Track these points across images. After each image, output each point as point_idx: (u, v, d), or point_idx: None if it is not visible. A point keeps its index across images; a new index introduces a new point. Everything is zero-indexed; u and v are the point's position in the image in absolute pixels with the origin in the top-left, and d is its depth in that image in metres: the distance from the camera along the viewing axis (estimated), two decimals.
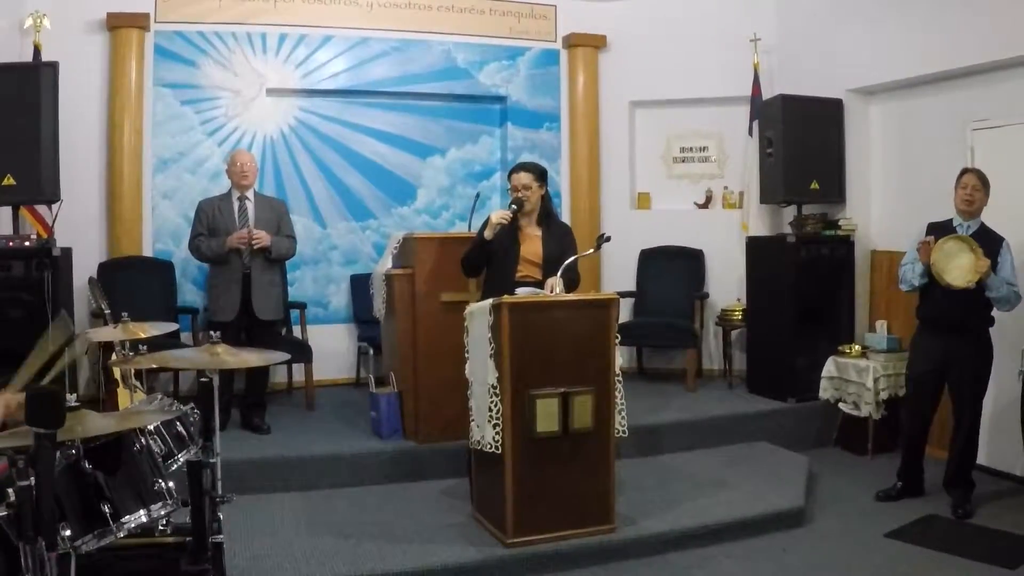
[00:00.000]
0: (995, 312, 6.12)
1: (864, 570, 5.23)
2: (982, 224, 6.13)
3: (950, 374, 6.16)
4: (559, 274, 5.51)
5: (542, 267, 5.81)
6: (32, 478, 2.71)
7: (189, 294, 8.37)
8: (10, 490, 2.78)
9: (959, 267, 5.89)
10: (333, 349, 8.86)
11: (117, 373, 5.94)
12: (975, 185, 6.08)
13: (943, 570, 5.20)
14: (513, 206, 5.74)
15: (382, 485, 6.44)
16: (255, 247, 6.93)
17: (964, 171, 6.23)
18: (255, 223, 7.06)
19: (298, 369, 8.33)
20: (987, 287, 5.88)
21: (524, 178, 5.83)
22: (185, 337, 7.85)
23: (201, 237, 7.09)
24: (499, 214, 5.71)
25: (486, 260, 5.83)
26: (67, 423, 2.86)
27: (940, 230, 6.12)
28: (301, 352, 7.75)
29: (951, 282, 5.88)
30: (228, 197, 7.22)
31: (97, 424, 3.30)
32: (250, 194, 7.21)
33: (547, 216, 5.98)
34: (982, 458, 6.69)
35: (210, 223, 7.09)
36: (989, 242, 5.98)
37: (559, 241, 5.91)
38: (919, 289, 6.21)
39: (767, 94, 8.83)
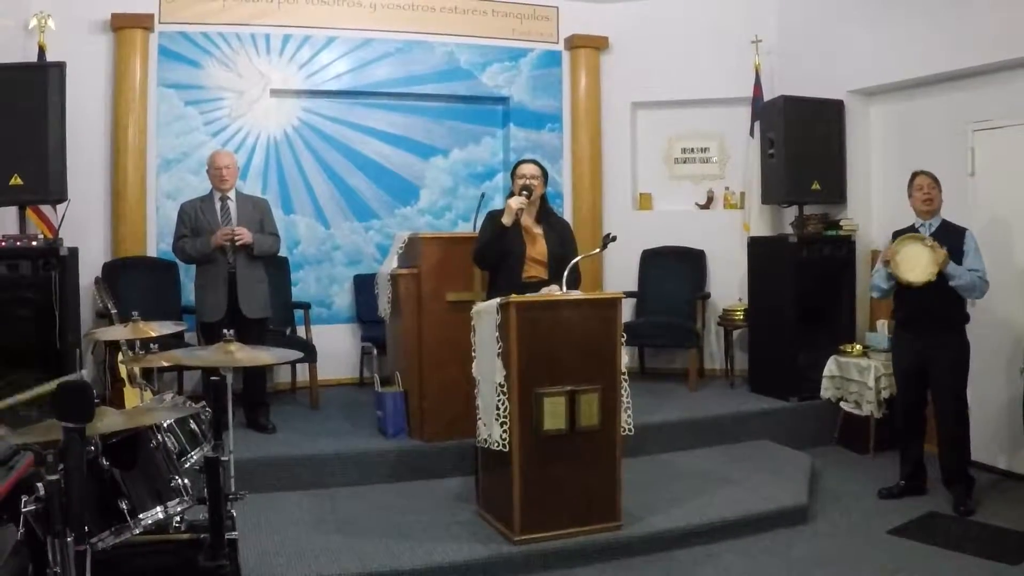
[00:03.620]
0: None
1: (867, 566, 5.26)
2: (943, 220, 6.25)
3: (930, 371, 6.23)
4: (564, 276, 5.56)
5: (548, 265, 5.86)
6: (60, 472, 2.74)
7: (192, 294, 8.36)
8: (39, 484, 2.81)
9: (917, 264, 6.02)
10: (336, 349, 8.87)
11: (123, 372, 5.98)
12: (930, 184, 6.25)
13: (945, 566, 5.22)
14: (524, 192, 5.78)
15: (388, 484, 6.47)
16: (237, 243, 6.93)
17: (915, 174, 6.37)
18: (238, 222, 7.04)
19: (302, 369, 8.36)
20: (948, 277, 5.96)
21: (533, 169, 5.92)
22: (189, 336, 7.86)
23: (185, 239, 7.08)
24: (518, 201, 5.73)
25: (505, 251, 5.82)
26: None
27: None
28: (305, 352, 7.76)
29: (911, 280, 6.02)
30: (210, 198, 7.20)
31: (115, 421, 3.34)
32: (231, 194, 7.19)
33: (547, 214, 6.05)
34: (983, 456, 6.74)
35: (193, 224, 7.07)
36: (952, 236, 6.12)
37: (561, 238, 6.00)
38: (889, 293, 6.34)
39: (768, 95, 8.86)
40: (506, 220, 5.73)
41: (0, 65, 6.80)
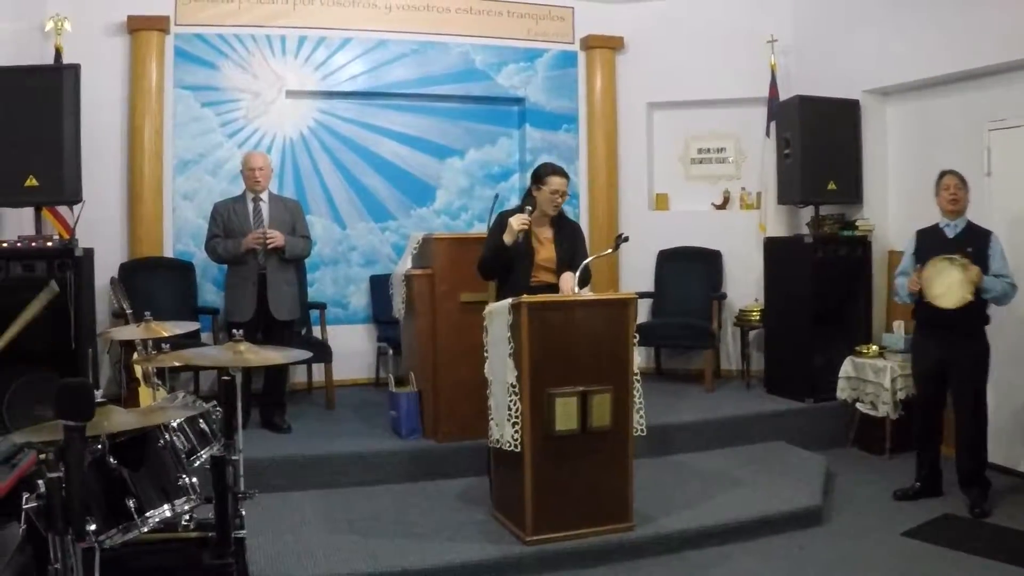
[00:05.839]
0: (1006, 312, 6.15)
1: (881, 569, 5.23)
2: (968, 222, 6.21)
3: (949, 372, 6.19)
4: (576, 275, 5.55)
5: (556, 272, 5.81)
6: (61, 470, 2.77)
7: (209, 294, 8.42)
8: (40, 482, 2.83)
9: (950, 288, 5.94)
10: (352, 349, 8.89)
11: (139, 372, 6.02)
12: (957, 184, 6.20)
13: (960, 569, 5.19)
14: (528, 208, 5.71)
15: (402, 484, 6.47)
16: (269, 247, 6.97)
17: (943, 173, 6.31)
18: (270, 224, 7.08)
19: (318, 369, 8.41)
20: (984, 292, 5.93)
21: (563, 184, 5.77)
22: (205, 337, 7.90)
23: (217, 239, 7.13)
24: (520, 220, 5.60)
25: (508, 265, 5.77)
26: (94, 418, 2.92)
27: (929, 235, 6.31)
28: (321, 352, 7.79)
29: (948, 306, 5.94)
30: (243, 199, 7.24)
31: (123, 420, 3.36)
32: (264, 195, 7.23)
33: (558, 218, 5.97)
34: (998, 458, 6.70)
35: (225, 225, 7.12)
36: (977, 238, 6.10)
37: (571, 243, 5.92)
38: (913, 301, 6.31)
39: (784, 95, 8.82)
40: (507, 239, 5.63)
41: (16, 67, 6.86)
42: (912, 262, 6.29)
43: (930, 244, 6.20)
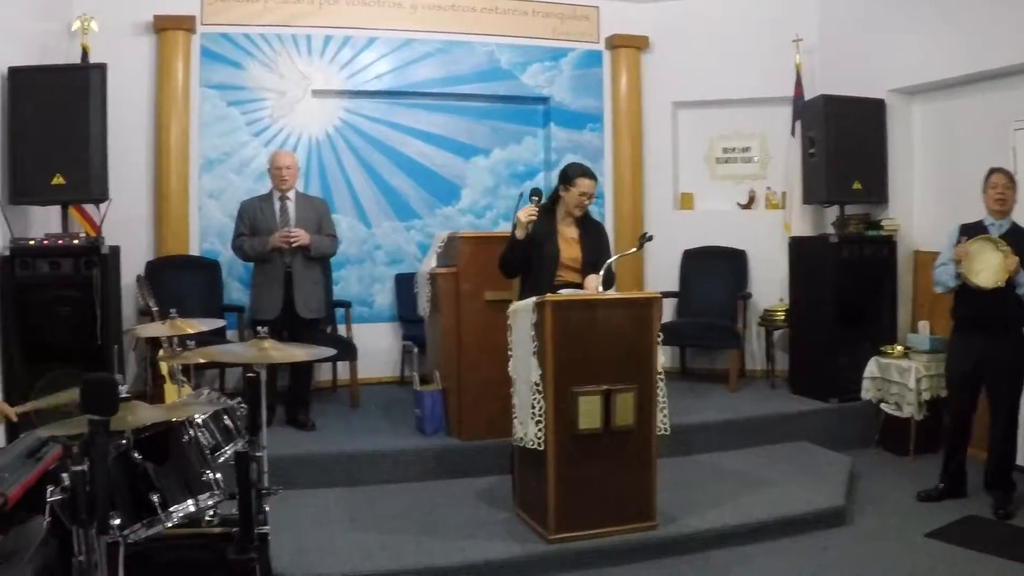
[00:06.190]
0: None
1: (904, 570, 5.20)
2: (1013, 223, 6.11)
3: (986, 374, 6.13)
4: (600, 275, 5.54)
5: (581, 271, 5.81)
6: (86, 464, 2.79)
7: (235, 292, 8.46)
8: (64, 475, 2.86)
9: (987, 268, 5.88)
10: (377, 347, 8.91)
11: (164, 369, 6.05)
12: (1005, 184, 6.07)
13: (983, 570, 5.16)
14: (534, 198, 5.71)
15: (425, 482, 6.49)
16: (294, 245, 7.00)
17: (992, 171, 6.19)
18: (296, 223, 7.11)
19: (343, 367, 8.42)
20: (1018, 284, 5.86)
21: (591, 186, 5.78)
22: (231, 335, 7.93)
23: (243, 237, 7.17)
24: (526, 212, 5.62)
25: (527, 261, 5.77)
26: (119, 413, 2.94)
27: (972, 231, 6.13)
28: (346, 350, 7.81)
29: (980, 284, 5.87)
30: (269, 197, 7.28)
31: (147, 415, 3.37)
32: (291, 194, 7.26)
33: (583, 218, 5.97)
34: (1022, 459, 6.65)
35: (252, 223, 7.16)
36: (1021, 240, 5.98)
37: (596, 243, 5.92)
38: (953, 290, 6.20)
39: (809, 94, 8.80)
40: (519, 234, 5.65)
41: (43, 67, 6.92)
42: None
43: None
